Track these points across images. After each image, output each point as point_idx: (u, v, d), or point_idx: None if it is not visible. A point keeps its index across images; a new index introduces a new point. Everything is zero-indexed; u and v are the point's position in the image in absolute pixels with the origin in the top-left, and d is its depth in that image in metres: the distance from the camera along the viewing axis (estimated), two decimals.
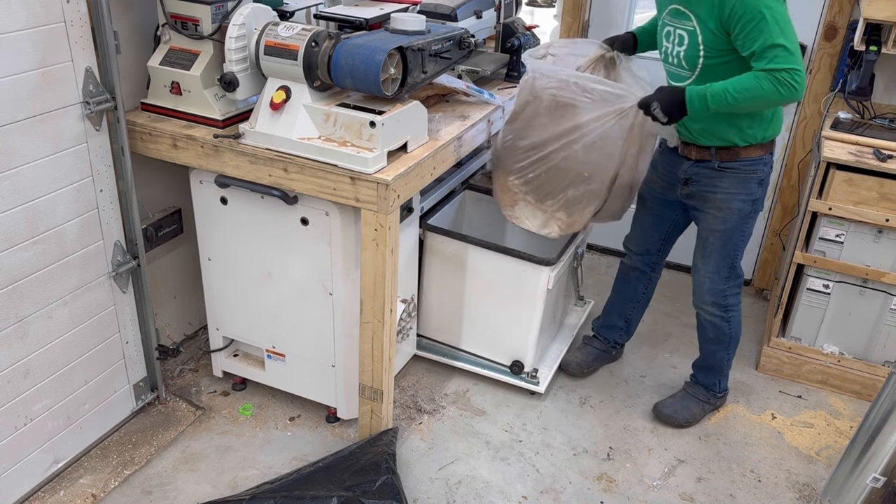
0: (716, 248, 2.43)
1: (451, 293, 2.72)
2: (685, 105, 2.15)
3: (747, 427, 2.69)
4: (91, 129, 2.11)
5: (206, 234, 2.43)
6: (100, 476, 2.30)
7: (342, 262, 2.24)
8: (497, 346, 2.74)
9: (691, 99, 2.14)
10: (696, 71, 2.23)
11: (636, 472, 2.46)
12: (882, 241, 2.65)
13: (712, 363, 2.64)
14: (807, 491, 2.43)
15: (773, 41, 2.03)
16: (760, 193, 2.37)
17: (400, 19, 2.19)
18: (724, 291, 2.48)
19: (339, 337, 2.37)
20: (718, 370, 2.65)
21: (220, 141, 2.16)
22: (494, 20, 2.87)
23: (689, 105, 2.15)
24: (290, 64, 2.05)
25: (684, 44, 2.23)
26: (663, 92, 2.21)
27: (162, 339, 2.67)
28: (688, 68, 2.25)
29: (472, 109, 2.53)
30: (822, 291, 2.81)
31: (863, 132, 2.75)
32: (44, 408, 2.17)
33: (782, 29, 2.04)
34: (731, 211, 2.37)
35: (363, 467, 2.22)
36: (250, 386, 2.70)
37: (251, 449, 2.45)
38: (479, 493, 2.34)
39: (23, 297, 2.02)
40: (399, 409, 2.65)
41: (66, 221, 2.10)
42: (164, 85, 2.24)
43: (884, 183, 2.56)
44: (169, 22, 2.19)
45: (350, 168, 2.03)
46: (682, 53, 2.24)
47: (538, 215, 2.55)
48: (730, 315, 2.52)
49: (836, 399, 2.85)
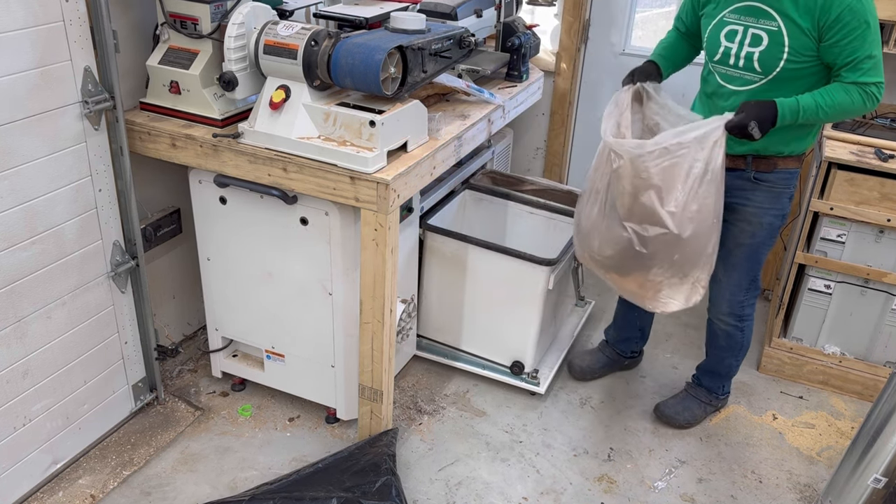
0: (740, 261, 2.36)
1: (451, 293, 2.71)
2: (776, 119, 2.04)
3: (748, 428, 2.68)
4: (90, 129, 2.11)
5: (206, 234, 2.43)
6: (99, 477, 2.29)
7: (342, 262, 2.24)
8: (497, 347, 2.73)
9: (783, 113, 2.04)
10: (772, 75, 2.10)
11: (637, 473, 2.45)
12: (883, 241, 2.64)
13: (720, 369, 2.62)
14: (808, 492, 2.42)
15: (870, 52, 1.99)
16: (789, 209, 2.32)
17: (400, 18, 2.18)
18: (742, 303, 2.44)
19: (339, 337, 2.37)
20: (725, 375, 2.63)
21: (219, 140, 2.15)
22: (495, 19, 2.86)
23: (780, 119, 2.04)
24: (290, 63, 2.05)
25: (761, 44, 2.08)
26: (754, 107, 2.06)
27: (161, 339, 2.66)
28: (760, 71, 2.11)
29: (472, 109, 2.52)
30: (823, 292, 2.80)
31: (864, 132, 2.74)
32: (43, 408, 2.16)
33: (877, 40, 2.00)
34: (761, 226, 2.29)
35: (363, 468, 2.22)
36: (249, 386, 2.69)
37: (250, 450, 2.44)
38: (480, 494, 2.33)
39: (21, 298, 2.02)
40: (399, 409, 2.64)
41: (64, 221, 2.09)
42: (163, 84, 2.23)
43: (885, 183, 2.56)
44: (168, 21, 2.19)
45: (350, 167, 2.03)
46: (758, 55, 2.10)
47: (682, 290, 2.27)
48: (745, 324, 2.49)
49: (838, 400, 2.85)
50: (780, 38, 2.06)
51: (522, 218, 2.95)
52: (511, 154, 3.38)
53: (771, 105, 2.05)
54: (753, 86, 2.15)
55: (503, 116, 2.70)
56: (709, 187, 2.12)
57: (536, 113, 3.45)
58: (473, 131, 2.46)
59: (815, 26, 2.01)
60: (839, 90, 2.03)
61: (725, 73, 2.20)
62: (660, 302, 2.30)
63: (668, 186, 2.11)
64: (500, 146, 3.15)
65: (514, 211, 2.94)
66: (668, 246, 2.17)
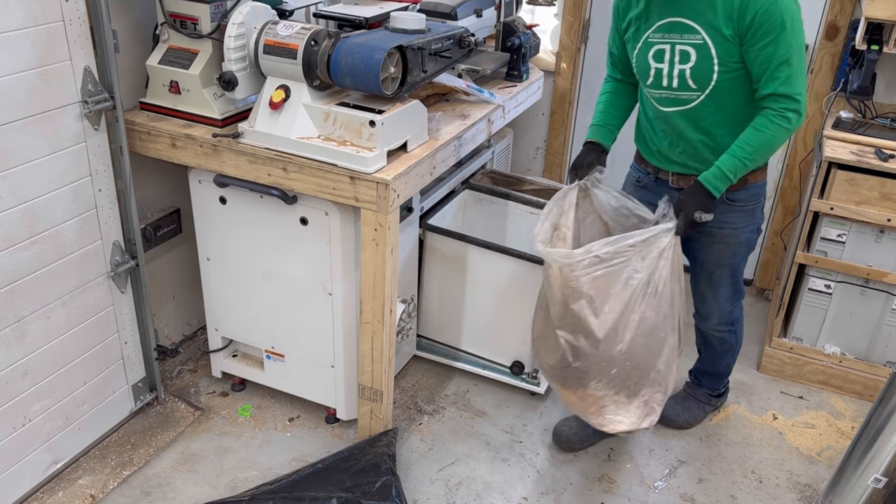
0: (724, 279, 2.33)
1: (451, 293, 2.71)
2: (711, 194, 2.00)
3: (748, 428, 2.68)
4: (90, 129, 2.10)
5: (205, 234, 2.43)
6: (98, 477, 2.29)
7: (342, 262, 2.24)
8: (497, 347, 2.73)
9: (713, 185, 2.00)
10: (708, 90, 2.02)
11: (637, 473, 2.45)
12: (884, 241, 2.64)
13: (718, 369, 2.61)
14: (808, 492, 2.42)
15: (785, 58, 1.89)
16: (763, 218, 2.28)
17: (400, 18, 2.18)
18: (731, 311, 2.43)
19: (339, 337, 2.36)
20: (724, 374, 2.64)
21: (219, 140, 2.15)
22: (495, 19, 2.86)
23: (714, 191, 2.00)
24: (290, 63, 2.04)
25: (690, 60, 1.99)
26: (688, 200, 2.02)
27: (161, 339, 2.66)
28: (696, 88, 2.03)
29: (472, 109, 2.52)
30: (823, 292, 2.80)
31: (864, 132, 2.74)
32: (42, 408, 2.16)
33: (795, 45, 1.89)
34: (739, 244, 2.25)
35: (363, 468, 2.22)
36: (249, 386, 2.69)
37: (250, 450, 2.44)
38: (480, 494, 2.33)
39: (21, 298, 2.02)
40: (399, 409, 2.64)
41: (64, 221, 2.09)
42: (163, 84, 2.23)
43: (885, 183, 2.56)
44: (168, 21, 2.19)
45: (349, 167, 2.02)
46: (689, 72, 2.01)
47: (633, 410, 2.12)
48: (737, 326, 2.48)
49: (838, 400, 2.84)
50: (707, 51, 1.97)
51: (522, 218, 2.94)
52: (511, 154, 3.38)
53: (698, 186, 2.01)
54: (691, 105, 2.06)
55: (503, 116, 2.70)
56: (654, 300, 2.01)
57: (536, 113, 3.45)
58: (473, 131, 2.46)
59: (736, 32, 1.93)
60: (751, 131, 1.97)
61: (660, 97, 2.10)
62: (606, 419, 2.12)
63: (602, 296, 2.00)
64: (500, 146, 3.15)
65: (514, 211, 2.93)
66: (601, 359, 2.04)
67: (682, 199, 2.04)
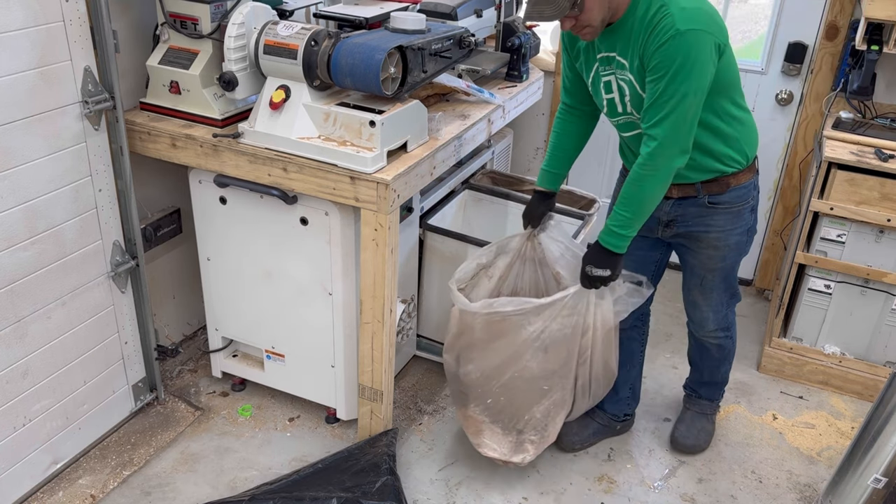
0: (716, 284, 2.29)
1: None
2: (609, 251, 2.01)
3: (748, 428, 2.68)
4: (90, 129, 2.11)
5: (206, 234, 2.43)
6: (99, 477, 2.29)
7: (342, 262, 2.24)
8: None
9: (609, 242, 2.00)
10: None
11: (637, 473, 2.45)
12: (883, 241, 2.64)
13: (717, 378, 2.55)
14: (808, 492, 2.42)
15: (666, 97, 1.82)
16: (754, 219, 2.21)
17: (400, 18, 2.18)
18: (726, 315, 2.38)
19: (339, 337, 2.36)
20: (723, 382, 2.58)
21: (219, 140, 2.15)
22: (495, 19, 2.86)
23: (607, 245, 2.00)
24: (290, 63, 2.04)
25: (626, 93, 1.97)
26: (587, 252, 2.06)
27: (161, 339, 2.66)
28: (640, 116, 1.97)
29: (472, 109, 2.52)
30: (823, 292, 2.80)
31: (864, 132, 2.74)
32: (42, 408, 2.16)
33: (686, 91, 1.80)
34: (728, 248, 2.19)
35: (363, 468, 2.22)
36: (249, 386, 2.69)
37: (250, 450, 2.44)
38: (480, 494, 2.33)
39: (21, 298, 2.02)
40: (399, 409, 2.64)
41: (64, 221, 2.09)
42: (163, 84, 2.23)
43: (885, 183, 2.56)
44: (168, 21, 2.19)
45: (350, 168, 2.02)
46: (629, 101, 1.99)
47: (506, 443, 2.29)
48: (731, 331, 2.43)
49: (838, 400, 2.84)
50: (633, 86, 1.94)
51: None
52: (511, 154, 3.38)
53: (595, 243, 2.04)
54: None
55: (503, 116, 2.70)
56: (541, 354, 2.16)
57: (536, 113, 3.45)
58: (473, 131, 2.46)
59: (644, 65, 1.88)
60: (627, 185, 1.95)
61: (618, 123, 2.09)
62: (481, 441, 2.31)
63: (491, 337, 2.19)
64: (500, 146, 3.15)
65: (514, 211, 2.93)
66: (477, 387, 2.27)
67: (586, 254, 2.08)
